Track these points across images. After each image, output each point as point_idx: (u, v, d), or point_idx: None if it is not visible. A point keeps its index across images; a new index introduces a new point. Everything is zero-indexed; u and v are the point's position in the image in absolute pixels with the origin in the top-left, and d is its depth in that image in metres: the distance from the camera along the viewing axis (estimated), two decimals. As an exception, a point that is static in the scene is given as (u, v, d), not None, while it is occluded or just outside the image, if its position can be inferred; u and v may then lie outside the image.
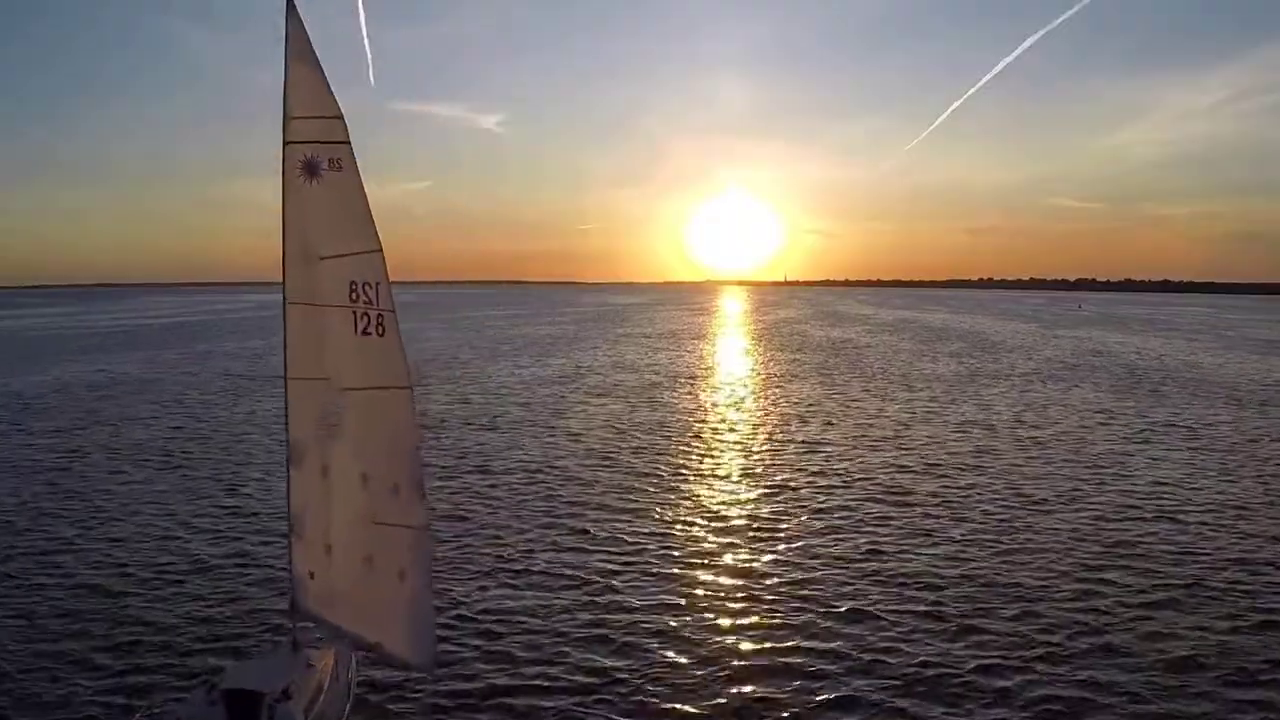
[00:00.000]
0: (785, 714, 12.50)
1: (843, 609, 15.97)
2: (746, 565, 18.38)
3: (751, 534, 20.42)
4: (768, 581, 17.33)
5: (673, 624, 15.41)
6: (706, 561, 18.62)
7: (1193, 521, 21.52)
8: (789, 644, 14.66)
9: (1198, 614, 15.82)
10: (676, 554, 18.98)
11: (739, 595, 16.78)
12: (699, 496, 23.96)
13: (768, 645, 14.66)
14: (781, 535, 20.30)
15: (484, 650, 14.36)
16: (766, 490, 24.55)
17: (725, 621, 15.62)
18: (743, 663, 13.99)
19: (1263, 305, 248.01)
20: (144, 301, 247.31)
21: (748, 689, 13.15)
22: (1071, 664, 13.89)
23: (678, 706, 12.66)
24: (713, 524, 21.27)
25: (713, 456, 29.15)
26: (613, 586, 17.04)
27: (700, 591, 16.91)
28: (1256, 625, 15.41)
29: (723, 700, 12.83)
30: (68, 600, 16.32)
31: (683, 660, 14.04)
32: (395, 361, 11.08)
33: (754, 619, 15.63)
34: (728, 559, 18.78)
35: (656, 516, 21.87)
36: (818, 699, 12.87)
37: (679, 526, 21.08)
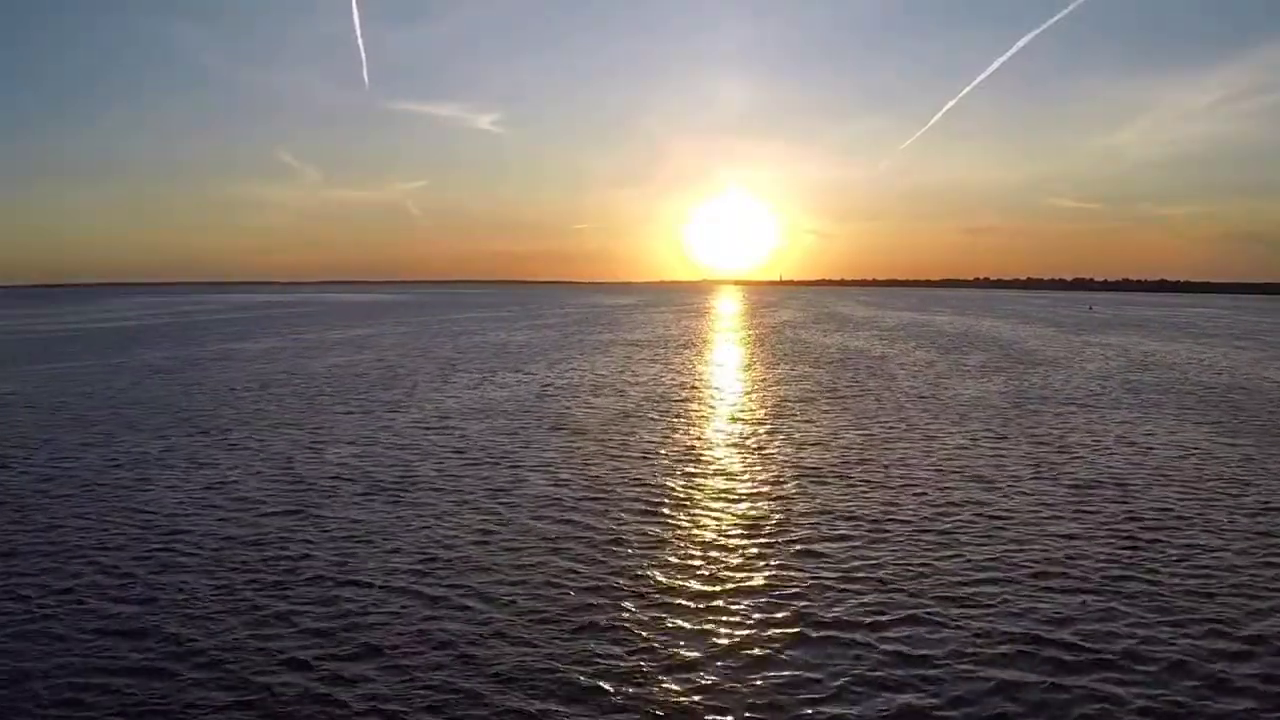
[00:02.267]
0: None
1: None
2: None
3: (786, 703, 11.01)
4: None
5: None
6: None
7: None
8: None
9: None
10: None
11: None
12: (693, 622, 14.42)
13: None
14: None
15: None
16: (799, 614, 14.99)
17: None
18: None
19: (1269, 306, 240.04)
20: (117, 302, 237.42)
21: None
22: None
23: None
24: (717, 678, 11.85)
25: (709, 543, 19.41)
26: None
27: None
28: None
29: None
30: None
31: None
32: None
33: None
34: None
35: (617, 651, 12.46)
36: None
37: (657, 681, 11.67)
